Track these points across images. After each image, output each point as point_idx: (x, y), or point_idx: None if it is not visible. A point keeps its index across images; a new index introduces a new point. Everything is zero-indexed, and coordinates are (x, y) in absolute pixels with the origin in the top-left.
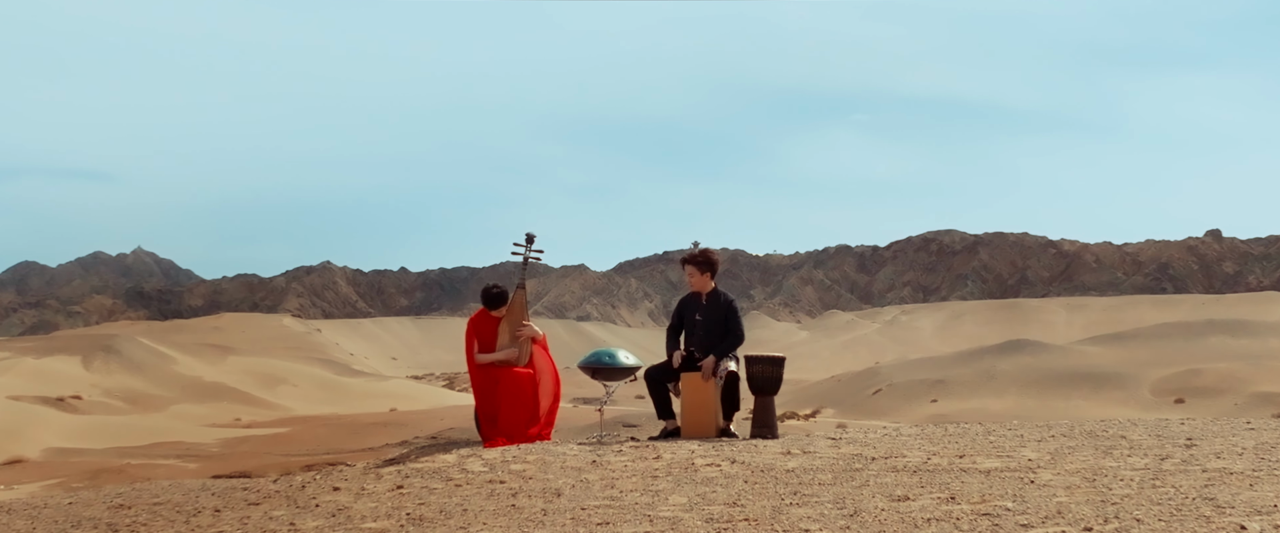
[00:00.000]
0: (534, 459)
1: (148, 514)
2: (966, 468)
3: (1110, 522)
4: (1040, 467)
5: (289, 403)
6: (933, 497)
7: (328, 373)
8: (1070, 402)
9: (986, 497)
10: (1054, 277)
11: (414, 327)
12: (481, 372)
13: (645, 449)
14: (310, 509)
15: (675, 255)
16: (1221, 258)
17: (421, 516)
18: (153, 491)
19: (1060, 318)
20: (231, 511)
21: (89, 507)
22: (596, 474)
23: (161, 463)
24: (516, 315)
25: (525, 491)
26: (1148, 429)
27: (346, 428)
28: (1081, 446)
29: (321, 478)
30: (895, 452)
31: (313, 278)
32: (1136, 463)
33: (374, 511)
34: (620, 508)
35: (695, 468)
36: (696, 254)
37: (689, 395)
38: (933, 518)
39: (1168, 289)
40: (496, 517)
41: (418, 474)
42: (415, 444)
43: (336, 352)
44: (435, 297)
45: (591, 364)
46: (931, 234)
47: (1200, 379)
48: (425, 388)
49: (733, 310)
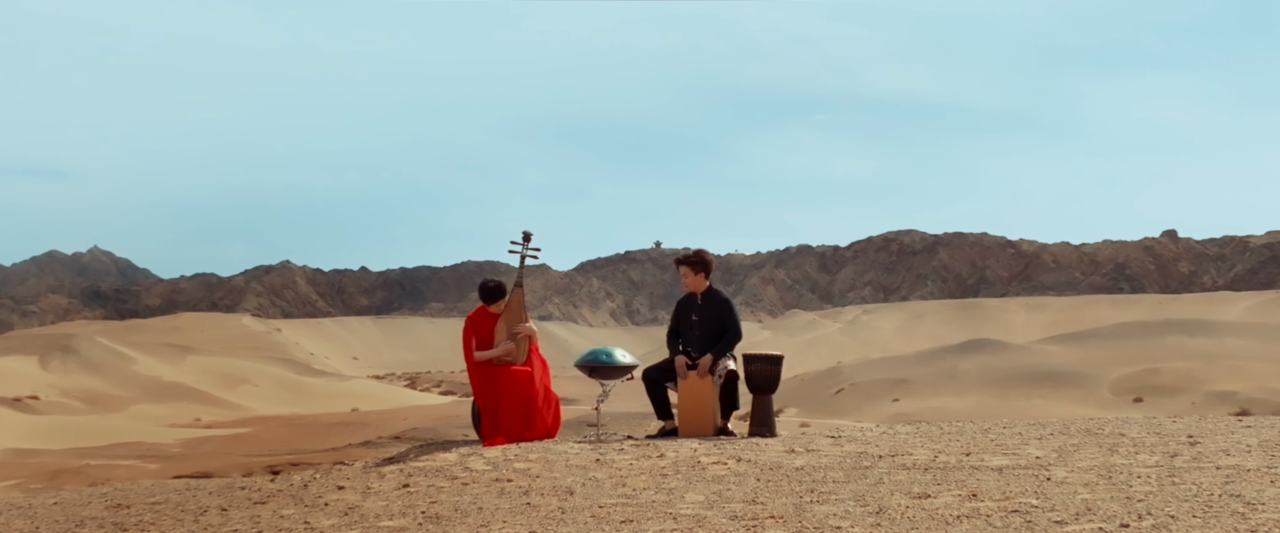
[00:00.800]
0: (536, 458)
1: (153, 514)
2: (977, 466)
3: (1145, 519)
4: (1051, 464)
5: (250, 403)
6: (953, 494)
7: (288, 373)
8: (1030, 401)
9: (1009, 494)
10: (1013, 276)
11: (375, 326)
12: (480, 370)
13: (648, 448)
14: (320, 508)
15: (637, 255)
16: (1177, 258)
17: (436, 513)
18: (148, 490)
19: (1019, 318)
20: (238, 509)
21: (86, 506)
22: (603, 473)
23: (121, 464)
24: (514, 313)
25: (536, 489)
26: (1144, 428)
27: (308, 428)
28: (1084, 443)
29: (323, 477)
30: (900, 450)
31: (272, 277)
32: (1147, 461)
33: (386, 509)
34: (638, 506)
35: (702, 466)
36: (690, 255)
37: (686, 395)
38: (961, 516)
39: (1125, 289)
40: (513, 515)
41: (421, 473)
42: (378, 444)
43: (297, 351)
44: (396, 296)
45: (588, 363)
46: (892, 234)
47: (1158, 378)
48: (387, 388)
49: (730, 309)
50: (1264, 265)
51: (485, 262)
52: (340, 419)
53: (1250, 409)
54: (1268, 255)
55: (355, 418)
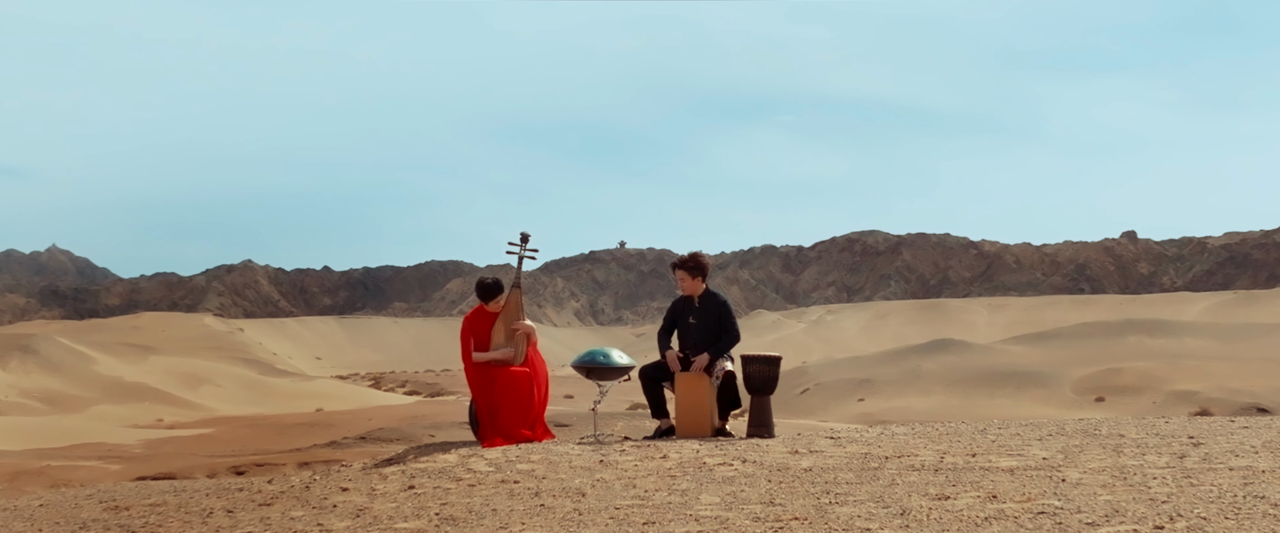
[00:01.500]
0: (539, 459)
1: (156, 516)
2: (986, 467)
3: (1177, 521)
4: (1060, 466)
5: (212, 403)
6: (973, 496)
7: (251, 373)
8: (994, 401)
9: (1029, 496)
10: (975, 277)
11: (339, 326)
12: (478, 371)
13: (651, 449)
14: (328, 510)
15: (601, 255)
16: (1137, 259)
17: (451, 515)
18: (141, 491)
19: (982, 318)
20: (244, 511)
21: (80, 509)
22: (610, 474)
23: (83, 465)
24: (512, 314)
25: (545, 491)
26: (1142, 429)
27: (272, 429)
28: (1087, 445)
29: (324, 479)
30: (905, 451)
31: (233, 277)
32: (1156, 462)
33: (397, 511)
34: (655, 508)
35: (709, 467)
36: (686, 259)
37: (684, 395)
38: (988, 517)
39: (1085, 289)
40: (529, 517)
41: (424, 475)
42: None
43: (260, 351)
44: (359, 296)
45: (585, 364)
46: (855, 234)
47: (1120, 378)
48: (351, 388)
49: (727, 311)
50: (1221, 266)
51: (449, 261)
52: (304, 420)
53: (1210, 409)
54: (1225, 256)
55: (320, 418)
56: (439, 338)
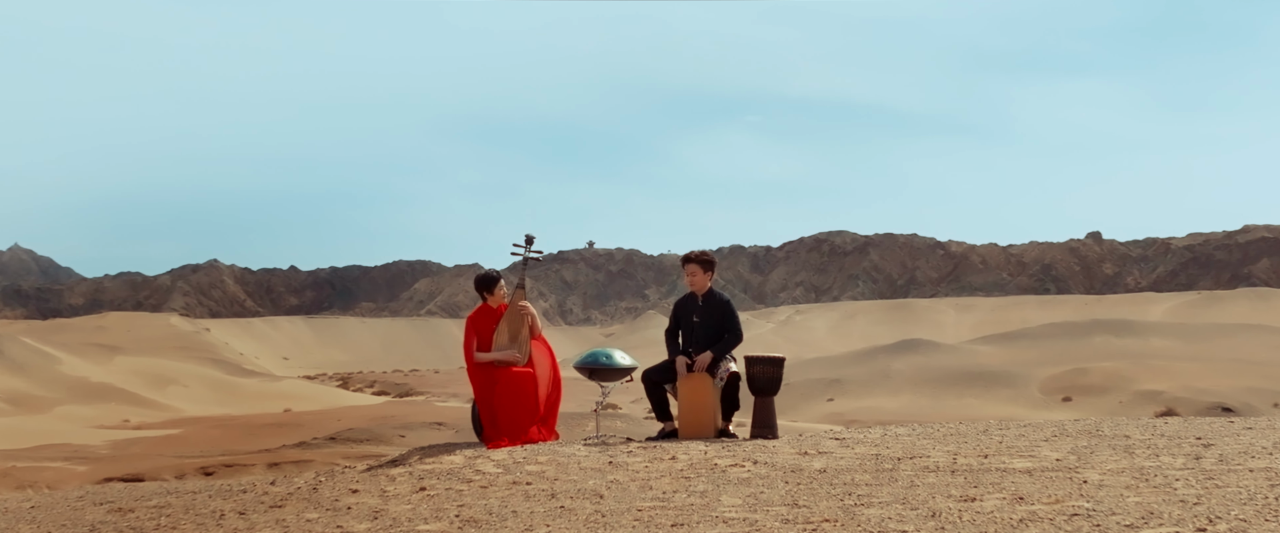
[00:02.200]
0: (546, 460)
1: (166, 518)
2: (1001, 468)
3: (1217, 522)
4: (1077, 467)
5: (179, 404)
6: (998, 497)
7: (219, 373)
8: (963, 400)
9: (1057, 498)
10: (942, 277)
11: (306, 326)
12: (480, 371)
13: (658, 450)
14: (343, 512)
15: (570, 255)
16: (1102, 259)
17: (471, 517)
18: (142, 492)
19: (949, 318)
20: (256, 513)
21: (85, 511)
22: (622, 475)
23: (49, 466)
24: (516, 315)
25: (561, 492)
26: (1144, 429)
27: (240, 429)
28: (1095, 445)
29: (329, 480)
30: (915, 452)
31: (199, 276)
32: (1173, 463)
33: (415, 512)
34: (677, 509)
35: (721, 469)
36: (700, 254)
37: (687, 397)
38: (1023, 519)
39: (1051, 290)
40: (550, 519)
41: (432, 476)
42: (314, 446)
43: (226, 351)
44: (326, 296)
45: (588, 365)
46: (823, 235)
47: (1087, 378)
48: (320, 388)
49: (730, 310)
50: (1185, 267)
51: (417, 261)
52: (273, 420)
53: (1176, 409)
54: (1188, 257)
55: (288, 419)
56: (407, 338)
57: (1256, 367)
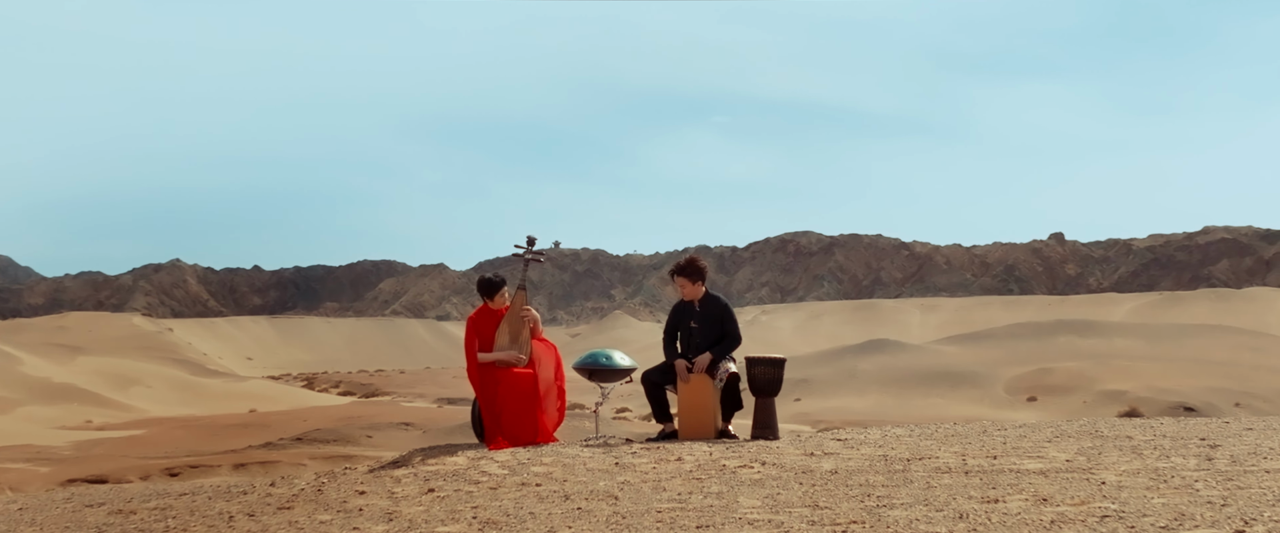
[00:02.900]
0: (551, 461)
1: (175, 521)
2: (1014, 469)
3: (1255, 524)
4: (1090, 468)
5: (143, 404)
6: (1020, 499)
7: (182, 373)
8: (928, 400)
9: (1082, 499)
10: (907, 277)
11: (270, 326)
12: (482, 372)
13: (662, 451)
14: (355, 513)
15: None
16: (1064, 260)
17: (489, 518)
18: (131, 493)
19: (914, 318)
20: (265, 515)
21: (85, 513)
22: (632, 477)
23: (11, 467)
24: (516, 316)
25: (573, 493)
26: (1143, 430)
27: (205, 430)
28: (1102, 446)
29: (332, 482)
30: (921, 453)
31: (161, 276)
32: (1186, 464)
33: (428, 514)
34: (698, 511)
35: (730, 470)
36: (685, 266)
37: (686, 398)
38: (1053, 521)
39: (1014, 290)
40: (572, 520)
41: (438, 477)
42: (280, 446)
43: (190, 352)
44: (290, 296)
45: (588, 365)
46: (789, 235)
47: (1051, 378)
48: (284, 388)
49: (729, 314)
50: (1146, 268)
51: (382, 261)
52: (238, 420)
53: (1139, 408)
54: (1150, 258)
55: (253, 419)
56: (372, 338)
57: (1217, 367)
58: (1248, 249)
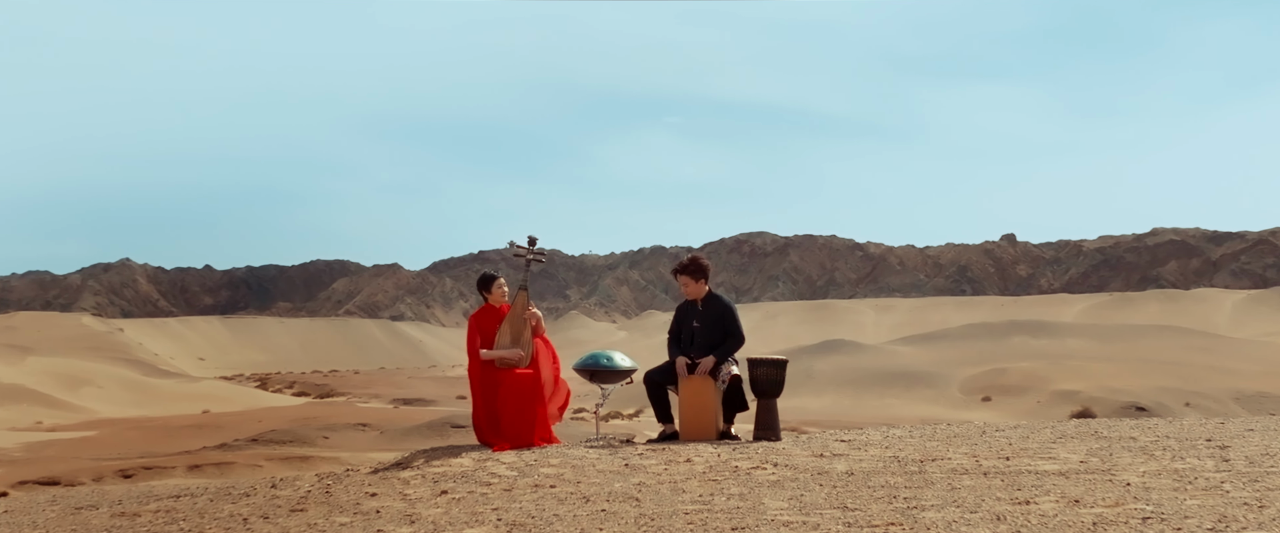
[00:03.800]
0: (559, 462)
1: (185, 524)
2: (1031, 470)
3: None
4: (1108, 469)
5: (94, 405)
6: (1051, 500)
7: (134, 374)
8: (884, 400)
9: (1115, 501)
10: (861, 278)
11: (223, 326)
12: (484, 374)
13: (670, 452)
14: (373, 516)
15: (490, 255)
16: (1016, 261)
17: (514, 521)
18: (143, 493)
19: (869, 318)
20: (279, 517)
21: (94, 512)
22: (645, 478)
23: None
24: (518, 317)
25: (593, 495)
26: (1142, 431)
27: (159, 431)
28: (1110, 448)
29: (337, 483)
30: (931, 455)
31: (110, 276)
32: (1204, 466)
33: (448, 516)
34: (727, 513)
35: (743, 471)
36: (687, 264)
37: (688, 399)
38: (1096, 523)
39: (967, 291)
40: (598, 522)
41: (447, 479)
42: (236, 447)
43: (141, 352)
44: (242, 296)
45: (589, 367)
46: (744, 235)
47: (1005, 378)
48: (238, 389)
49: (731, 314)
50: (1096, 269)
51: (335, 261)
52: (191, 421)
53: (1092, 408)
54: (1099, 259)
55: (207, 420)
56: (326, 339)
57: (1167, 366)
58: (1195, 250)
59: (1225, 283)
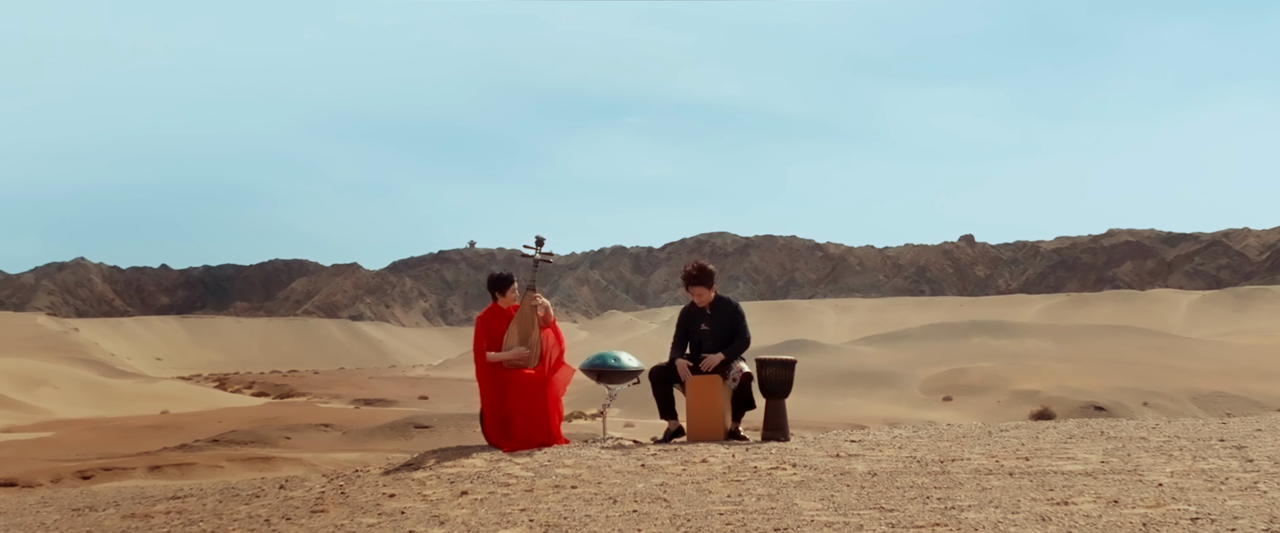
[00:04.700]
0: (572, 463)
1: (206, 526)
2: (1054, 470)
3: None
4: (1132, 470)
5: (50, 406)
6: (1088, 501)
7: (91, 374)
8: (846, 400)
9: (1155, 501)
10: (821, 278)
11: (180, 326)
12: (492, 375)
13: (685, 452)
14: (398, 517)
15: (450, 255)
16: (974, 262)
17: (547, 522)
18: (149, 493)
19: (830, 319)
20: (302, 518)
21: (101, 513)
22: (666, 478)
23: None
24: (527, 317)
25: (621, 496)
26: (1150, 431)
27: (117, 431)
28: (1124, 448)
29: (350, 485)
30: (948, 455)
31: (65, 275)
32: (1230, 466)
33: (476, 517)
34: (763, 514)
35: (763, 472)
36: (696, 274)
37: (696, 398)
38: (1147, 523)
39: (926, 291)
40: (635, 523)
41: (464, 480)
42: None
43: (97, 352)
44: (199, 295)
45: (596, 367)
46: (704, 236)
47: (966, 378)
48: (196, 389)
49: (740, 315)
50: (1053, 270)
51: (293, 260)
52: (150, 422)
53: (1051, 408)
54: (1056, 260)
55: (166, 420)
56: (284, 339)
57: (1125, 366)
58: (1150, 251)
59: (1180, 284)
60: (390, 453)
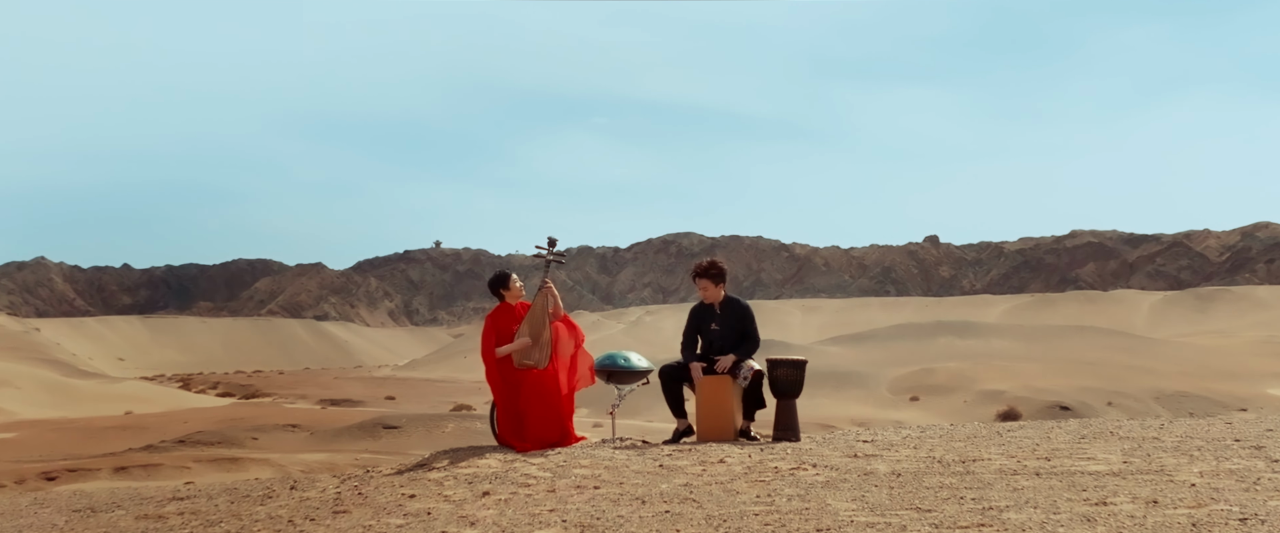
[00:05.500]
0: (589, 463)
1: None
2: (1079, 470)
3: None
4: (1160, 470)
5: (12, 406)
6: (1125, 501)
7: (53, 374)
8: (815, 400)
9: (1197, 501)
10: (787, 278)
11: (143, 326)
12: (503, 377)
13: (701, 452)
14: (425, 517)
15: (416, 255)
16: (939, 262)
17: (581, 522)
18: (157, 493)
19: (796, 319)
20: (323, 519)
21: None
22: (689, 478)
23: None
24: (538, 317)
25: (649, 497)
26: (1163, 431)
27: (81, 432)
28: (1143, 447)
29: (366, 486)
30: (967, 455)
31: (24, 274)
32: (1258, 466)
33: (506, 517)
34: (799, 514)
35: (784, 472)
36: (707, 268)
37: (707, 398)
38: (1197, 523)
39: (891, 291)
40: (670, 523)
41: (482, 480)
42: (163, 449)
43: (59, 352)
44: (162, 295)
45: (605, 367)
46: (671, 236)
47: (933, 378)
48: (160, 389)
49: (750, 316)
50: (1017, 270)
51: (257, 260)
52: (115, 423)
53: (1017, 407)
54: (1020, 261)
55: (131, 421)
56: (248, 339)
57: (1089, 366)
58: (1112, 252)
59: (1141, 284)
60: (359, 454)
